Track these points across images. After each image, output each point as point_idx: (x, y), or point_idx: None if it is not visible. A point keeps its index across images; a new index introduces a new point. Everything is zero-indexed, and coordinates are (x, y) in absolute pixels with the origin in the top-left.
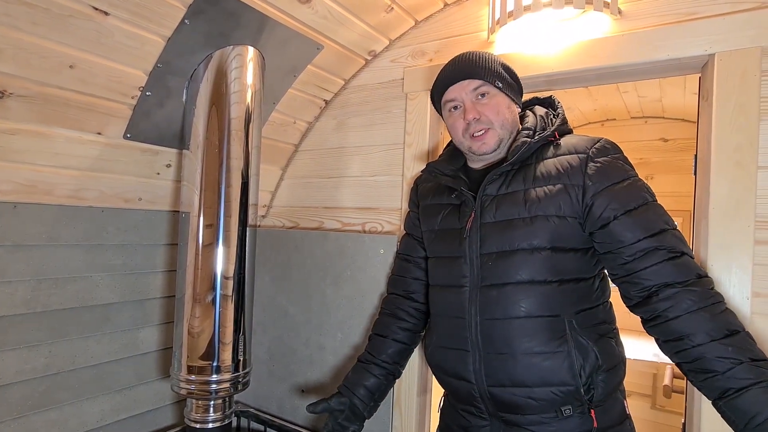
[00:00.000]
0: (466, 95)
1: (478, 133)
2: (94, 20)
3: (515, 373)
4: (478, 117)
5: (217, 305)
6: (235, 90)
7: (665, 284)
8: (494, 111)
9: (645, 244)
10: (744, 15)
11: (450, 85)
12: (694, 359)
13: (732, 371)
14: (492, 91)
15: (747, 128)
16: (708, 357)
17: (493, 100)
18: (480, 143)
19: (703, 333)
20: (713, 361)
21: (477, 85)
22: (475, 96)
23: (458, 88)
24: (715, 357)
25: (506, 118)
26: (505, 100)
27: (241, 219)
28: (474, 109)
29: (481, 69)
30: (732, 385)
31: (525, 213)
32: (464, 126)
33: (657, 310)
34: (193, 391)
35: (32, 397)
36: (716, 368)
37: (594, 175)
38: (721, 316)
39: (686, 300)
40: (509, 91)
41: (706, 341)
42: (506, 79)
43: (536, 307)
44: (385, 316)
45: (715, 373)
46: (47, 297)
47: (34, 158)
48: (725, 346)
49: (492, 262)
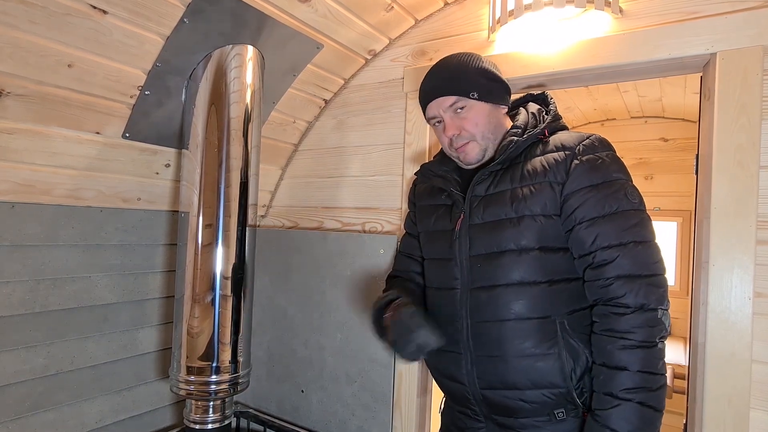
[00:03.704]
0: (444, 112)
1: (460, 146)
2: (92, 19)
3: (506, 376)
4: (458, 132)
5: (217, 305)
6: (234, 89)
7: (609, 299)
8: (473, 123)
9: (603, 255)
10: (745, 14)
11: (428, 102)
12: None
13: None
14: (468, 104)
15: (749, 128)
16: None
17: (470, 113)
18: (463, 154)
19: (601, 358)
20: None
21: (452, 101)
22: (453, 111)
23: (435, 105)
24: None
25: (487, 128)
26: (484, 108)
27: (240, 219)
28: (453, 125)
29: (454, 84)
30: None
31: (512, 213)
32: (448, 141)
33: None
34: (193, 392)
35: (31, 398)
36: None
37: (574, 172)
38: (623, 352)
39: (609, 324)
40: (488, 97)
41: (597, 363)
42: (483, 86)
43: (526, 308)
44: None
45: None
46: (45, 297)
47: (32, 158)
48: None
49: (481, 264)
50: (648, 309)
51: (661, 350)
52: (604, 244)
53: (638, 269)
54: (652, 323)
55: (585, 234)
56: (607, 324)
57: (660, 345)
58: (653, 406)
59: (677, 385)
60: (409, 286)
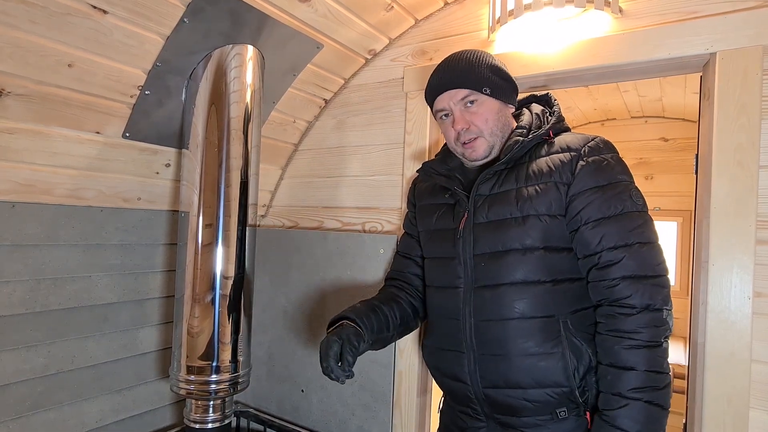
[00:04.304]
0: (454, 105)
1: (468, 141)
2: (92, 18)
3: (509, 375)
4: (467, 127)
5: (217, 305)
6: (234, 89)
7: (615, 299)
8: (482, 119)
9: (608, 256)
10: (745, 14)
11: (438, 94)
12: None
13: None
14: (480, 99)
15: (748, 127)
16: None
17: (481, 108)
18: (470, 150)
19: (607, 358)
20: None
21: (464, 94)
22: (464, 104)
23: (446, 97)
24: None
25: (496, 125)
26: (494, 105)
27: (240, 219)
28: (462, 119)
29: (468, 77)
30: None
31: (517, 212)
32: (455, 135)
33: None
34: (193, 392)
35: (31, 398)
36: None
37: (579, 173)
38: (630, 352)
39: (615, 324)
40: (499, 94)
41: (603, 363)
42: (495, 83)
43: (530, 307)
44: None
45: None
46: (46, 297)
47: (32, 157)
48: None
49: (485, 262)
50: (654, 309)
51: (665, 349)
52: (610, 245)
53: (644, 270)
54: (657, 323)
55: (590, 235)
56: (613, 324)
57: (665, 344)
58: (660, 405)
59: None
60: (388, 294)
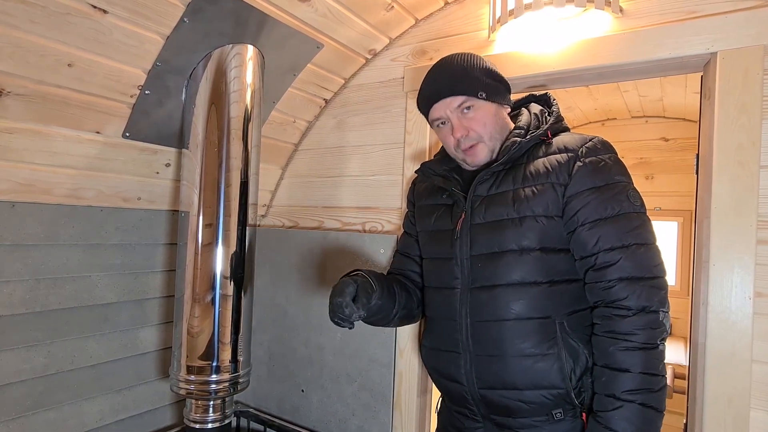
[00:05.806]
0: (451, 112)
1: (469, 147)
2: (92, 18)
3: (506, 376)
4: (466, 134)
5: (217, 305)
6: (234, 89)
7: (611, 301)
8: (481, 124)
9: (605, 258)
10: (746, 13)
11: (434, 102)
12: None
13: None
14: (477, 104)
15: (749, 127)
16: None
17: (478, 113)
18: (471, 157)
19: (603, 359)
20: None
21: (461, 101)
22: (460, 111)
23: (442, 106)
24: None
25: (494, 128)
26: (491, 108)
27: (240, 218)
28: (461, 126)
29: (463, 83)
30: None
31: (514, 213)
32: (455, 142)
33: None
34: (193, 391)
35: (31, 397)
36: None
37: (576, 173)
38: (626, 354)
39: (611, 325)
40: (495, 97)
41: (598, 365)
42: (490, 86)
43: (527, 308)
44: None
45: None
46: (46, 297)
47: (32, 157)
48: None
49: (482, 263)
50: (650, 311)
51: (661, 352)
52: (607, 246)
53: (640, 272)
54: (654, 325)
55: (587, 236)
56: (609, 326)
57: (661, 347)
58: (655, 407)
59: (677, 385)
60: (394, 277)
